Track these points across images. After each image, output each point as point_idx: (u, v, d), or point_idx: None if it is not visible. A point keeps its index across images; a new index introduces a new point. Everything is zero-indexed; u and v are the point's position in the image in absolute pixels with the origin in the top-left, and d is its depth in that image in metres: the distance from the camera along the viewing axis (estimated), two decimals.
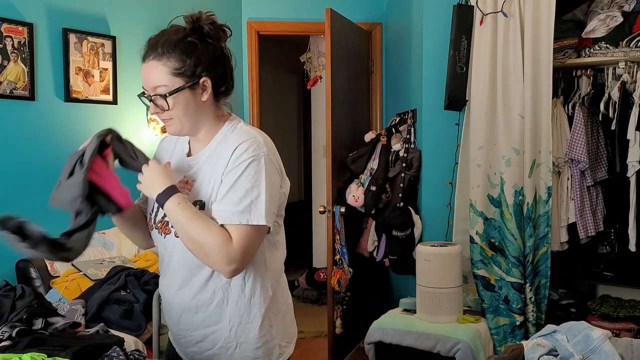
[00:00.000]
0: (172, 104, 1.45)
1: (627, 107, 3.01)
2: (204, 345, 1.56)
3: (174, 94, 1.44)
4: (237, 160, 1.44)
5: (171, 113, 1.47)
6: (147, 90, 1.48)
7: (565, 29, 3.25)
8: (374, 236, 3.82)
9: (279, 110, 6.87)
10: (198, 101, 1.48)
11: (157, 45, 1.44)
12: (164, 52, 1.43)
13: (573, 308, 3.25)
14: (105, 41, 3.44)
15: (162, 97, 1.44)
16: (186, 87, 1.44)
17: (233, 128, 1.53)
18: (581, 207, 3.13)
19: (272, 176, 1.48)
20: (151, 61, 1.44)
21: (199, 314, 1.53)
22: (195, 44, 1.45)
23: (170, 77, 1.43)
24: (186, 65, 1.43)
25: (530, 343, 1.77)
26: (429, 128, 3.51)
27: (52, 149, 3.17)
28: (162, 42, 1.44)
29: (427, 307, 2.98)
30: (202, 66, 1.45)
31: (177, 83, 1.43)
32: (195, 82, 1.45)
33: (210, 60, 1.47)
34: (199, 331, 1.55)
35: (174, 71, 1.43)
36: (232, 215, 1.41)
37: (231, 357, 1.54)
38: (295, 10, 4.44)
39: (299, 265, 6.20)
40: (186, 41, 1.44)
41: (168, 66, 1.43)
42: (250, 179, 1.43)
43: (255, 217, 1.42)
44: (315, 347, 4.18)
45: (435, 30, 3.42)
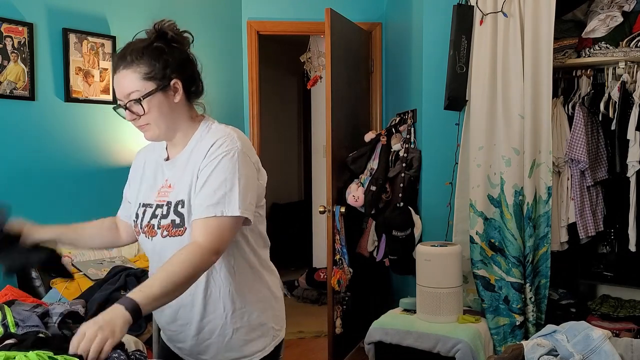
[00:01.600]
0: (147, 108, 1.50)
1: (627, 107, 3.01)
2: (201, 336, 1.61)
3: (147, 97, 1.49)
4: (211, 156, 1.49)
5: (147, 117, 1.51)
6: (122, 100, 1.52)
7: (565, 29, 3.25)
8: (374, 236, 3.82)
9: (279, 110, 6.88)
10: (171, 103, 1.53)
11: (125, 55, 1.50)
12: (133, 60, 1.48)
13: (573, 308, 3.25)
14: (105, 41, 3.44)
15: (137, 101, 1.49)
16: (159, 90, 1.50)
17: (208, 128, 1.59)
18: (581, 207, 3.13)
19: (247, 169, 1.52)
20: (122, 71, 1.50)
21: (195, 307, 1.58)
22: (162, 48, 1.51)
23: (142, 82, 1.48)
24: (156, 68, 1.49)
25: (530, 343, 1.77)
26: (429, 128, 3.51)
27: (52, 149, 3.17)
28: (129, 51, 1.50)
29: (427, 307, 2.98)
30: (171, 68, 1.51)
31: (149, 87, 1.49)
32: (166, 84, 1.51)
33: (177, 62, 1.52)
34: (196, 324, 1.59)
35: (144, 76, 1.48)
36: (207, 209, 1.45)
37: (229, 343, 1.60)
38: (295, 10, 4.44)
39: (299, 265, 6.21)
40: (153, 46, 1.50)
41: (138, 72, 1.48)
42: (224, 171, 1.47)
43: (229, 208, 1.46)
44: (315, 347, 4.18)
45: (435, 30, 3.42)
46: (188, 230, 1.51)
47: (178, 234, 1.52)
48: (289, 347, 4.03)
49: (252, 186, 1.53)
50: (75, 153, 3.26)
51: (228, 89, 4.29)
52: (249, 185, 1.51)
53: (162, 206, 1.57)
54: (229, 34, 4.31)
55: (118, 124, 3.51)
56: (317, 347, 4.16)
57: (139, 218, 1.62)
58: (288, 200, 6.96)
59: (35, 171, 3.09)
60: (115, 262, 3.12)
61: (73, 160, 3.24)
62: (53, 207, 3.11)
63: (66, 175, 3.20)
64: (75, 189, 3.25)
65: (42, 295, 2.82)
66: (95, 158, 3.39)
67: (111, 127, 3.45)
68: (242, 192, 1.47)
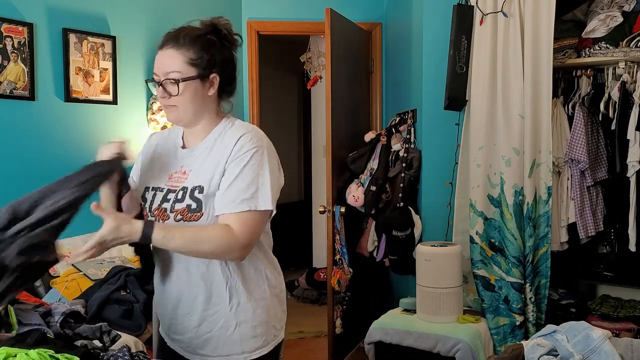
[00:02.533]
0: (182, 90, 1.54)
1: (627, 107, 3.01)
2: (202, 329, 1.60)
3: (186, 80, 1.53)
4: (241, 150, 1.54)
5: (178, 99, 1.55)
6: (158, 75, 1.56)
7: (565, 29, 3.25)
8: (374, 236, 3.82)
9: (279, 110, 6.87)
10: (205, 94, 1.58)
11: (178, 36, 1.55)
12: (184, 43, 1.54)
13: (573, 308, 3.25)
14: (105, 41, 3.44)
15: (174, 82, 1.53)
16: (197, 78, 1.54)
17: (231, 124, 1.63)
18: (581, 207, 3.13)
19: (274, 166, 1.58)
20: (169, 49, 1.55)
21: (199, 297, 1.59)
22: (214, 41, 1.57)
23: (185, 66, 1.53)
24: (202, 58, 1.55)
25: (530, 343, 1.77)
26: (429, 128, 3.51)
27: (52, 149, 3.17)
28: (183, 34, 1.55)
29: (427, 307, 2.98)
30: (215, 63, 1.57)
31: (191, 72, 1.54)
32: (207, 75, 1.56)
33: (223, 59, 1.59)
34: (199, 314, 1.60)
35: (190, 61, 1.54)
36: (241, 203, 1.49)
37: (230, 337, 1.59)
38: (295, 10, 4.44)
39: (299, 265, 6.21)
40: (206, 37, 1.56)
41: (185, 55, 1.54)
42: (256, 167, 1.52)
43: (262, 202, 1.51)
44: (315, 347, 4.18)
45: (435, 30, 3.42)
46: (205, 217, 1.53)
47: (194, 219, 1.54)
48: (289, 347, 4.03)
49: (278, 183, 1.59)
50: (75, 153, 3.26)
51: None
52: (277, 183, 1.58)
53: (175, 191, 1.59)
54: None
55: (118, 124, 3.51)
56: (317, 347, 4.16)
57: (147, 202, 1.64)
58: (288, 200, 6.95)
59: (35, 171, 3.09)
60: (115, 262, 3.12)
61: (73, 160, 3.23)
62: None
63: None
64: None
65: (42, 295, 2.82)
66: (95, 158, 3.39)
67: (111, 127, 3.45)
68: (272, 188, 1.53)
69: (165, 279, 1.64)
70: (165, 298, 1.65)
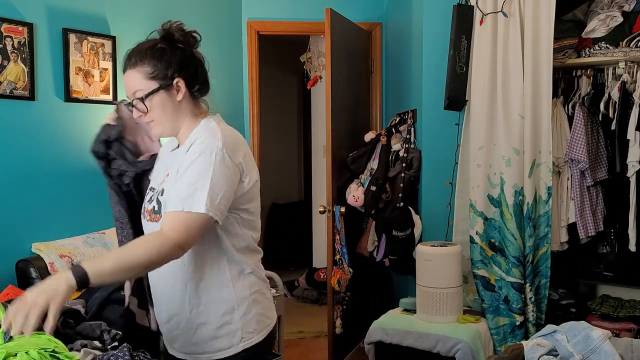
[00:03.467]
0: (150, 106, 1.57)
1: (627, 107, 3.01)
2: (171, 326, 1.66)
3: (149, 95, 1.56)
4: (192, 151, 1.53)
5: (151, 115, 1.58)
6: (129, 98, 1.61)
7: (565, 29, 3.25)
8: (374, 236, 3.82)
9: (279, 110, 6.87)
10: (174, 101, 1.60)
11: (131, 56, 1.59)
12: (137, 61, 1.57)
13: (573, 308, 3.25)
14: (105, 41, 3.44)
15: (140, 100, 1.56)
16: (161, 89, 1.56)
17: (206, 125, 1.62)
18: (581, 207, 3.13)
19: (224, 168, 1.51)
20: (128, 70, 1.58)
21: (164, 297, 1.64)
22: (164, 49, 1.57)
23: (146, 81, 1.56)
24: (158, 68, 1.56)
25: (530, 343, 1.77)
26: (429, 128, 3.51)
27: (52, 149, 3.17)
28: (134, 52, 1.58)
29: (427, 307, 2.98)
30: (173, 68, 1.57)
31: (152, 86, 1.56)
32: (169, 83, 1.57)
33: (179, 62, 1.58)
34: (166, 312, 1.65)
35: (147, 75, 1.56)
36: (176, 202, 1.48)
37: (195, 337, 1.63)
38: (295, 10, 4.44)
39: (299, 265, 6.21)
40: (156, 47, 1.57)
41: (142, 72, 1.56)
42: (198, 169, 1.49)
43: (196, 205, 1.46)
44: (315, 347, 4.18)
45: (435, 30, 3.42)
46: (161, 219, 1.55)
47: (155, 220, 1.58)
48: (288, 347, 4.03)
49: (226, 187, 1.51)
50: (75, 153, 3.26)
51: (228, 89, 4.29)
52: (222, 186, 1.49)
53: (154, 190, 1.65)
54: (229, 34, 4.31)
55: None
56: (317, 347, 4.16)
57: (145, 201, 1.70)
58: (288, 200, 6.96)
59: (35, 171, 3.09)
60: None
61: (73, 160, 3.23)
62: (53, 207, 3.11)
63: (66, 175, 3.20)
64: (75, 189, 3.25)
65: None
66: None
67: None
68: (211, 192, 1.47)
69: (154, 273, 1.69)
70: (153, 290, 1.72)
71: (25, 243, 2.98)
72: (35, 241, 2.99)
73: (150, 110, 1.56)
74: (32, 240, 2.99)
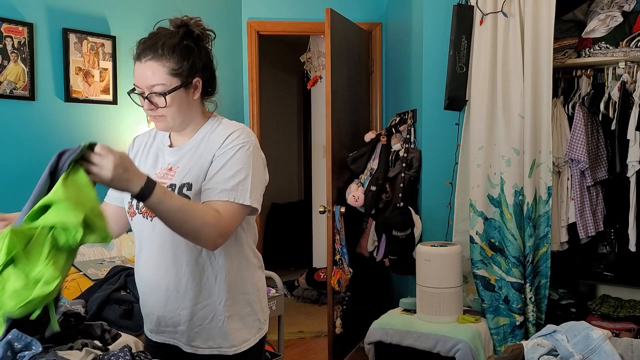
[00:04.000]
0: (169, 102, 1.55)
1: (627, 107, 3.01)
2: (193, 323, 1.63)
3: (172, 92, 1.54)
4: (229, 145, 1.55)
5: (166, 110, 1.56)
6: (141, 88, 1.57)
7: (565, 29, 3.25)
8: (374, 236, 3.82)
9: (279, 110, 6.88)
10: (190, 99, 1.60)
11: (156, 46, 1.54)
12: (163, 54, 1.53)
13: (573, 308, 3.25)
14: (105, 41, 3.44)
15: (161, 95, 1.53)
16: (182, 87, 1.55)
17: (219, 122, 1.66)
18: (581, 207, 3.13)
19: (259, 163, 1.60)
20: (149, 61, 1.53)
21: (189, 292, 1.61)
22: (192, 47, 1.57)
23: (168, 77, 1.53)
24: (184, 66, 1.55)
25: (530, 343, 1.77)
26: (429, 128, 3.51)
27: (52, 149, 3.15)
28: (161, 44, 1.53)
29: (427, 307, 2.98)
30: (196, 68, 1.57)
31: (175, 82, 1.54)
32: (190, 82, 1.57)
33: (203, 63, 1.60)
34: (189, 309, 1.62)
35: (172, 71, 1.54)
36: (220, 193, 1.51)
37: (220, 330, 1.63)
38: (295, 10, 4.44)
39: (299, 265, 6.21)
40: (184, 44, 1.56)
41: (167, 67, 1.53)
42: (240, 162, 1.54)
43: (241, 196, 1.52)
44: (315, 347, 4.18)
45: (435, 30, 3.42)
46: None
47: None
48: (289, 347, 4.03)
49: (262, 180, 1.61)
50: None
51: (228, 89, 4.29)
52: (260, 179, 1.58)
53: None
54: (229, 34, 4.31)
55: (118, 124, 3.51)
56: (317, 347, 4.16)
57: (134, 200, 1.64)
58: (288, 200, 6.96)
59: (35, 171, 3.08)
60: (115, 262, 3.12)
61: None
62: None
63: None
64: None
65: None
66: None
67: (111, 127, 3.45)
68: (253, 183, 1.54)
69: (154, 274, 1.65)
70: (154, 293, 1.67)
71: None
72: None
73: (168, 106, 1.55)
74: None
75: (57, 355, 1.27)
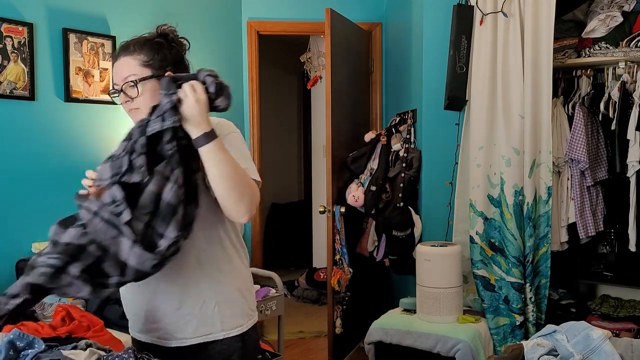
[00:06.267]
0: (141, 91, 1.61)
1: (627, 107, 3.01)
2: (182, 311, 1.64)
3: (143, 80, 1.61)
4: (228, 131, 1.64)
5: (139, 101, 1.62)
6: (118, 84, 1.64)
7: (565, 29, 3.25)
8: (374, 236, 3.82)
9: (279, 110, 6.88)
10: None
11: (128, 45, 1.64)
12: (135, 49, 1.62)
13: (573, 308, 3.25)
14: (105, 41, 3.44)
15: (133, 83, 1.61)
16: (154, 77, 1.61)
17: None
18: (581, 207, 3.13)
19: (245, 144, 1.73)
20: (122, 57, 1.63)
21: (180, 278, 1.62)
22: (162, 43, 1.65)
23: (140, 68, 1.61)
24: (154, 59, 1.62)
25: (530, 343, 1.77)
26: (429, 128, 3.51)
27: (52, 149, 3.17)
28: (132, 42, 1.64)
29: (427, 307, 2.98)
30: (167, 62, 1.64)
31: (146, 72, 1.61)
32: (162, 74, 1.62)
33: (174, 59, 1.66)
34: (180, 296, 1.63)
35: (143, 63, 1.61)
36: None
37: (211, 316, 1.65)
38: (295, 10, 4.44)
39: (299, 265, 6.21)
40: (154, 40, 1.65)
41: (138, 59, 1.61)
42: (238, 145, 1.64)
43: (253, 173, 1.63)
44: (315, 347, 4.18)
45: (435, 30, 3.42)
46: None
47: None
48: (289, 347, 4.03)
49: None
50: (75, 153, 3.26)
51: None
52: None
53: None
54: (229, 34, 4.31)
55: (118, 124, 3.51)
56: (317, 347, 4.16)
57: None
58: (288, 200, 6.96)
59: (35, 171, 3.09)
60: None
61: (73, 160, 3.23)
62: (53, 207, 3.11)
63: (66, 175, 3.20)
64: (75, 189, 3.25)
65: None
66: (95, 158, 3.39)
67: (111, 127, 3.44)
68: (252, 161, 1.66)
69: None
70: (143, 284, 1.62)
71: (25, 243, 2.98)
72: (35, 241, 2.99)
73: (140, 95, 1.60)
74: (32, 240, 3.00)
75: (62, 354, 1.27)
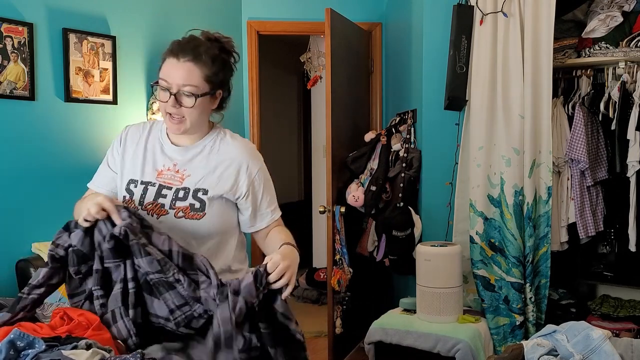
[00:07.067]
0: (196, 105, 1.64)
1: (627, 107, 3.01)
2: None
3: (203, 96, 1.64)
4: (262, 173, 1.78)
5: (188, 112, 1.64)
6: (169, 84, 1.63)
7: (565, 29, 3.25)
8: (374, 236, 3.82)
9: (279, 110, 6.87)
10: (209, 108, 1.71)
11: (198, 50, 1.63)
12: (205, 60, 1.63)
13: (573, 308, 3.25)
14: (105, 41, 3.44)
15: (192, 95, 1.62)
16: (209, 94, 1.65)
17: (224, 133, 1.79)
18: (581, 207, 3.13)
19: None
20: (188, 62, 1.62)
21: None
22: (228, 62, 1.71)
23: (203, 82, 1.64)
24: (217, 76, 1.66)
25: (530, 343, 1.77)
26: (429, 128, 3.51)
27: (52, 149, 3.17)
28: (203, 50, 1.64)
29: (427, 307, 2.98)
30: (224, 82, 1.70)
31: (206, 88, 1.65)
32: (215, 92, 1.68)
33: (229, 78, 1.73)
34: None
35: (207, 77, 1.64)
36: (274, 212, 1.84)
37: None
38: (295, 10, 4.44)
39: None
40: (222, 57, 1.68)
41: (204, 72, 1.63)
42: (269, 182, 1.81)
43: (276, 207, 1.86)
44: (315, 347, 4.18)
45: (435, 30, 3.42)
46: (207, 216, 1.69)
47: (196, 217, 1.68)
48: None
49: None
50: (75, 153, 3.26)
51: None
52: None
53: (170, 188, 1.69)
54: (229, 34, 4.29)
55: (118, 124, 3.51)
56: (317, 347, 4.15)
57: (135, 194, 1.71)
58: (288, 200, 6.95)
59: (35, 171, 3.09)
60: None
61: (73, 160, 3.23)
62: (53, 207, 3.11)
63: (66, 175, 3.20)
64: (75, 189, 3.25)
65: None
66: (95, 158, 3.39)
67: (111, 127, 3.44)
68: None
69: None
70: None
71: (25, 243, 2.98)
72: (35, 241, 2.99)
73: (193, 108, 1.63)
74: (32, 240, 3.00)
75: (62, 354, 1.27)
